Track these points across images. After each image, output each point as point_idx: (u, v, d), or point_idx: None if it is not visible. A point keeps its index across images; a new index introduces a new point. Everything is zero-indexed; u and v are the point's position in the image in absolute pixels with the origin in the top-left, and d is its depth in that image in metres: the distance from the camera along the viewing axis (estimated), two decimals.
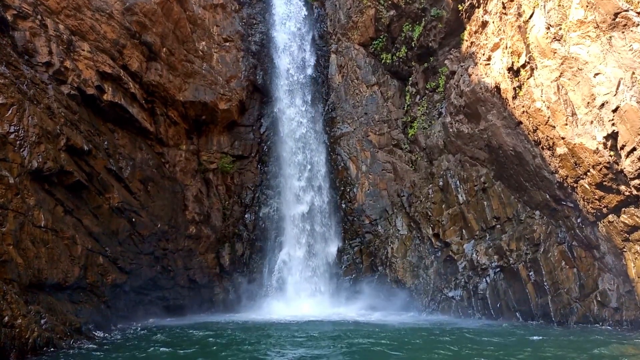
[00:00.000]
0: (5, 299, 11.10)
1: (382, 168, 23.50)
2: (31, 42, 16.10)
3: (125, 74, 19.31)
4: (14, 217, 12.83)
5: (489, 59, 18.50)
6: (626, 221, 14.40)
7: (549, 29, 15.24)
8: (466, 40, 20.62)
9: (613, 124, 13.69)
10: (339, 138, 24.53)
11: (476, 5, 20.01)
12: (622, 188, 14.10)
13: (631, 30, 13.28)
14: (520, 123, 17.15)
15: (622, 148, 13.61)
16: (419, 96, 23.83)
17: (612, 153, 13.95)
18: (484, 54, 18.82)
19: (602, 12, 13.72)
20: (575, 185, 15.52)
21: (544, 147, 16.31)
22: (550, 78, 15.39)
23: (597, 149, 14.23)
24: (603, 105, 13.91)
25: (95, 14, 18.32)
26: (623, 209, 14.42)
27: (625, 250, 14.78)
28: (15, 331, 10.99)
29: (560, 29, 14.92)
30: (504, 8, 17.56)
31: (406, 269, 21.18)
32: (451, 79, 21.28)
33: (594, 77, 14.07)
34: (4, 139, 13.45)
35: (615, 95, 13.57)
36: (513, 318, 17.72)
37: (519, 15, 16.66)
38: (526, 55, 16.26)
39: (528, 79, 16.36)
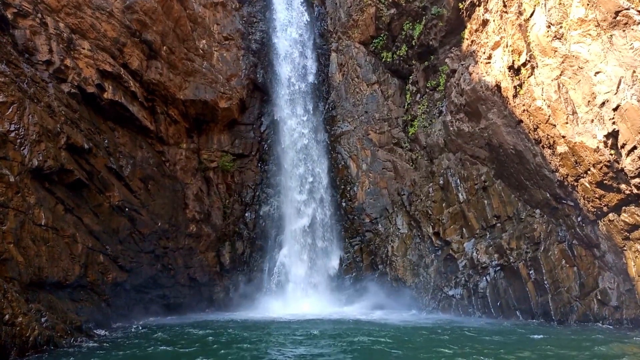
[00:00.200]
0: (5, 297, 11.10)
1: (383, 167, 23.49)
2: (31, 41, 16.09)
3: (125, 73, 19.30)
4: (14, 216, 12.83)
5: (489, 57, 18.48)
6: (626, 220, 14.40)
7: (549, 27, 15.22)
8: (467, 39, 20.59)
9: (613, 123, 13.68)
10: (340, 136, 24.52)
11: (477, 3, 19.98)
12: (623, 187, 14.09)
13: (632, 29, 13.26)
14: (521, 122, 17.13)
15: (623, 147, 13.60)
16: (419, 95, 23.81)
17: (613, 152, 13.94)
18: (484, 53, 18.79)
19: (603, 11, 13.70)
20: (575, 183, 15.51)
21: (545, 146, 16.29)
22: (551, 76, 15.37)
23: (598, 147, 14.22)
24: (604, 103, 13.89)
25: (95, 12, 18.31)
26: (623, 208, 14.42)
27: (625, 248, 14.78)
28: (16, 329, 11.00)
29: (561, 27, 14.90)
30: (505, 6, 17.54)
31: (406, 267, 21.19)
32: (452, 77, 21.27)
33: (595, 76, 14.05)
34: (5, 138, 13.44)
35: (615, 93, 13.55)
36: (513, 317, 17.72)
37: (520, 13, 16.64)
38: (527, 54, 16.24)
39: (529, 77, 16.34)
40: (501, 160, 18.72)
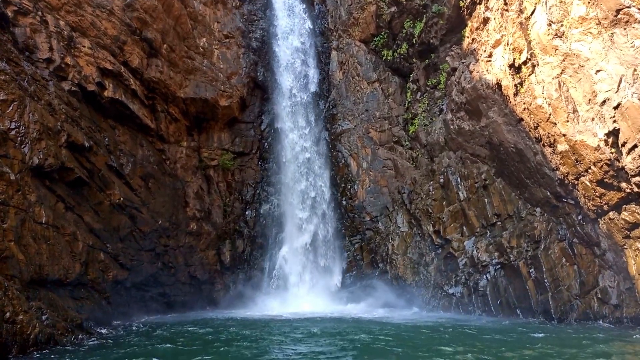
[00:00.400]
0: (6, 295, 11.11)
1: (383, 165, 23.48)
2: (32, 39, 16.08)
3: (125, 71, 19.29)
4: (15, 214, 12.83)
5: (490, 55, 18.46)
6: (627, 218, 14.40)
7: (550, 25, 15.19)
8: (467, 37, 20.57)
9: (614, 121, 13.66)
10: (340, 135, 24.50)
11: (478, 1, 19.95)
12: (623, 185, 14.09)
13: (633, 27, 13.24)
14: (522, 120, 17.12)
15: (623, 145, 13.59)
16: (419, 93, 23.79)
17: (613, 150, 13.93)
18: (485, 51, 18.77)
19: (604, 9, 13.68)
20: (576, 182, 15.51)
21: (545, 144, 16.29)
22: (552, 75, 15.36)
23: (598, 146, 14.21)
24: (604, 102, 13.88)
25: (95, 10, 18.29)
26: (624, 206, 14.41)
27: (625, 247, 14.78)
28: (17, 327, 11.01)
29: (561, 25, 14.87)
30: (506, 4, 17.51)
31: (407, 265, 21.20)
32: (452, 75, 21.24)
33: (596, 74, 14.03)
34: (5, 136, 13.44)
35: (616, 92, 13.54)
36: (513, 315, 17.73)
37: (521, 11, 16.61)
38: (527, 52, 16.22)
39: (529, 75, 16.32)
40: (502, 159, 18.72)
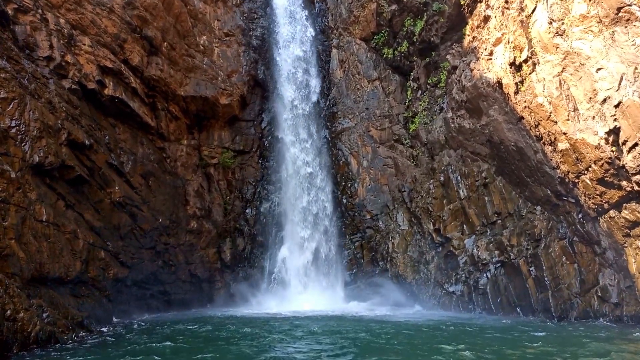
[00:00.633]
0: (7, 292, 11.13)
1: (383, 163, 23.48)
2: (32, 37, 16.06)
3: (126, 69, 19.28)
4: (15, 212, 12.84)
5: (490, 53, 18.44)
6: (627, 217, 14.39)
7: (551, 23, 15.17)
8: (468, 35, 20.55)
9: (615, 120, 13.65)
10: (340, 133, 24.49)
11: None
12: (624, 184, 14.08)
13: (634, 25, 13.22)
14: (522, 118, 17.11)
15: (624, 143, 13.58)
16: (420, 91, 23.77)
17: (614, 148, 13.92)
18: (485, 49, 18.75)
19: (605, 7, 13.66)
20: (576, 180, 15.50)
21: (546, 143, 16.28)
22: (553, 73, 15.34)
23: (599, 144, 14.20)
24: (605, 100, 13.86)
25: (96, 8, 18.26)
26: (624, 205, 14.41)
27: (626, 245, 14.78)
28: (18, 325, 11.02)
29: (562, 23, 14.85)
30: (506, 2, 17.48)
31: (407, 264, 21.21)
32: (453, 74, 21.22)
33: (596, 72, 14.02)
34: (6, 134, 13.44)
35: (617, 90, 13.52)
36: (513, 313, 17.75)
37: (522, 9, 16.59)
38: (528, 50, 16.20)
39: (530, 74, 16.30)
40: (502, 157, 18.71)
